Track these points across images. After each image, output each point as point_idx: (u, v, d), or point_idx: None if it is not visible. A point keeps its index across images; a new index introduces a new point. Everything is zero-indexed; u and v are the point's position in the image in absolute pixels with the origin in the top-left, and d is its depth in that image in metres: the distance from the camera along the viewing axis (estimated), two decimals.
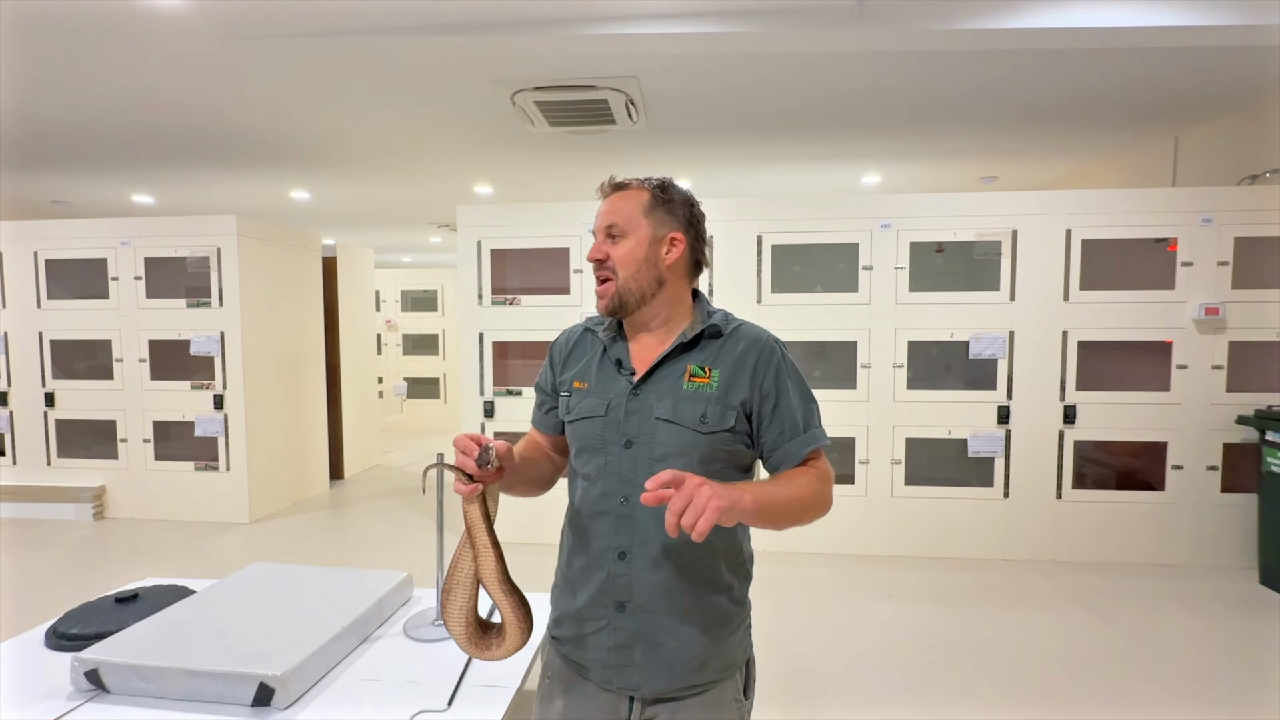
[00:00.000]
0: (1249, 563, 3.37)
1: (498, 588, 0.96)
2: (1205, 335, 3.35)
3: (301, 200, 6.59)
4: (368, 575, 2.11)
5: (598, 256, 1.04)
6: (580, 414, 1.06)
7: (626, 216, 1.03)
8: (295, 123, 4.24)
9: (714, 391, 1.00)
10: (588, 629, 1.04)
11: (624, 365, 1.06)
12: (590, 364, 1.09)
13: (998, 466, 3.51)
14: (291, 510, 4.59)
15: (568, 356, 1.14)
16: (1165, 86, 3.58)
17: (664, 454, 1.00)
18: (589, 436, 1.05)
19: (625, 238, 1.03)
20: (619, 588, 1.02)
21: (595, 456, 1.04)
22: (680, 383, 1.01)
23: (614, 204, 1.05)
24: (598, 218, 1.06)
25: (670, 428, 1.00)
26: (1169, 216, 3.36)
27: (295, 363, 4.77)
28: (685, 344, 1.04)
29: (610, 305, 1.05)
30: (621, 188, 1.07)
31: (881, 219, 3.51)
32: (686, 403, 1.00)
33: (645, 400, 1.02)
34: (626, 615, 1.01)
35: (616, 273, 1.03)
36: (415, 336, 7.79)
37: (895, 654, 2.58)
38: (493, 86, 3.68)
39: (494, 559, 0.96)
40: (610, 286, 1.04)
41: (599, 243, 1.05)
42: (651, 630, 1.01)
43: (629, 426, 1.02)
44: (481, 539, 0.95)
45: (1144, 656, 2.55)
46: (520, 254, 3.84)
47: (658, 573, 1.00)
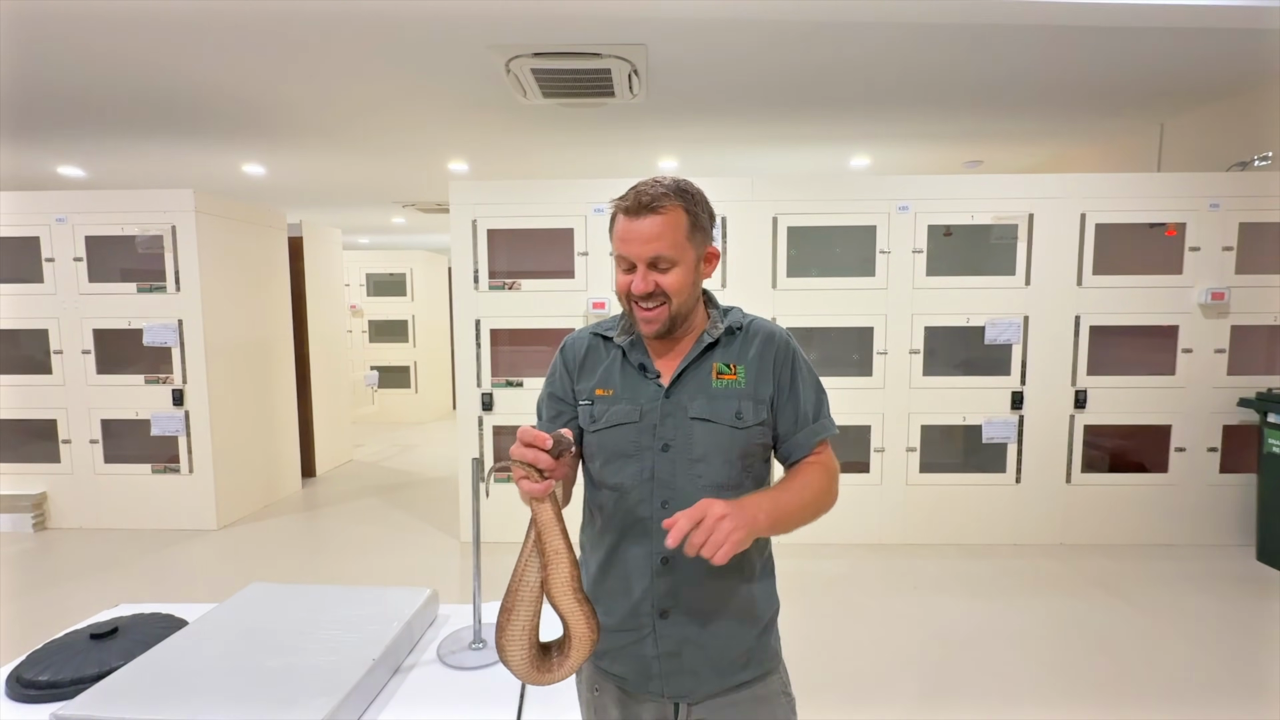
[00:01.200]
0: (1246, 540, 3.48)
1: (572, 597, 0.86)
2: (1210, 320, 3.40)
3: (254, 175, 6.06)
4: (388, 594, 1.86)
5: (648, 289, 0.97)
6: (611, 421, 1.03)
7: (672, 244, 0.97)
8: (252, 87, 3.82)
9: (744, 387, 1.01)
10: (626, 640, 1.03)
11: (649, 370, 1.04)
12: (612, 370, 1.06)
13: (1010, 452, 3.50)
14: (263, 513, 4.23)
15: (582, 363, 1.09)
16: (1152, 72, 3.61)
17: (702, 453, 1.00)
18: (622, 444, 1.02)
19: (675, 267, 0.98)
20: (661, 594, 1.01)
21: (629, 464, 1.02)
22: (709, 381, 1.02)
23: (653, 230, 0.95)
24: (629, 243, 0.96)
25: (706, 426, 1.00)
26: (1178, 201, 3.37)
27: (262, 352, 4.38)
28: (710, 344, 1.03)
29: (660, 330, 1.01)
30: (654, 209, 0.96)
31: (900, 201, 3.41)
32: (720, 400, 1.00)
33: (678, 402, 1.01)
34: (670, 622, 1.01)
35: (670, 299, 0.99)
36: (382, 323, 7.35)
37: (937, 650, 2.51)
38: (487, 51, 3.38)
39: (569, 564, 0.86)
40: (663, 312, 0.99)
41: (643, 273, 0.97)
42: (697, 634, 1.01)
43: (665, 430, 1.00)
44: (556, 543, 0.85)
45: (1176, 640, 2.56)
46: (520, 234, 3.57)
47: (701, 575, 0.99)
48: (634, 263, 0.98)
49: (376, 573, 3.28)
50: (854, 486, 3.54)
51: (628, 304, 1.02)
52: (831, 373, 3.55)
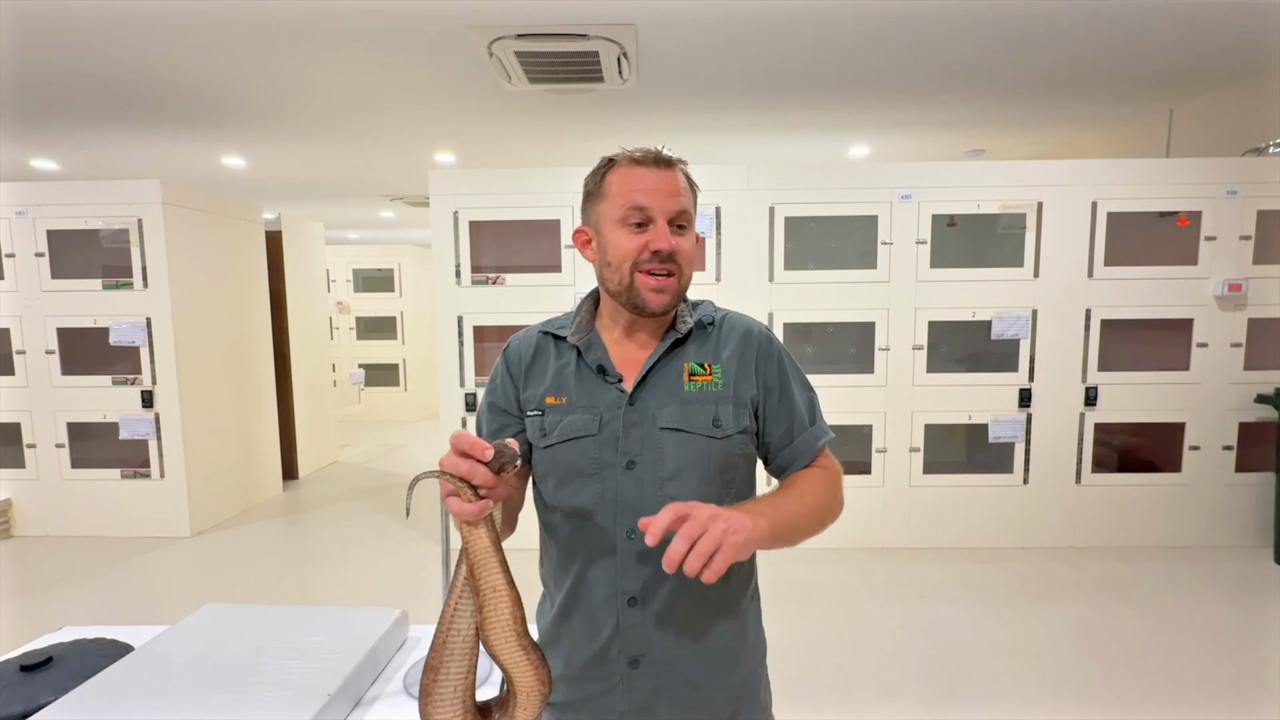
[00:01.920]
0: (1261, 542, 3.34)
1: (515, 643, 0.68)
2: (1226, 312, 3.26)
3: (235, 168, 5.87)
4: (353, 616, 1.69)
5: (670, 246, 0.83)
6: (565, 434, 0.87)
7: (688, 205, 0.87)
8: (229, 76, 3.64)
9: (721, 390, 0.87)
10: (591, 690, 0.88)
11: (609, 372, 0.88)
12: (564, 374, 0.90)
13: (1018, 452, 3.36)
14: (241, 519, 4.07)
15: (529, 368, 0.93)
16: (1160, 55, 3.45)
17: (675, 470, 0.85)
18: (579, 461, 0.86)
19: (688, 230, 0.87)
20: (632, 640, 0.85)
21: (588, 484, 0.86)
22: (680, 384, 0.87)
23: (674, 183, 0.85)
24: (651, 192, 0.83)
25: (679, 437, 0.85)
26: (1194, 188, 3.22)
27: (238, 351, 4.20)
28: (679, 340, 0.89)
29: (670, 303, 0.86)
30: (670, 165, 0.86)
31: (902, 189, 3.25)
32: (693, 406, 0.86)
33: (644, 409, 0.86)
34: (642, 672, 0.86)
35: (681, 270, 0.86)
36: (370, 319, 7.18)
37: (945, 662, 2.37)
38: (468, 32, 3.20)
39: (510, 603, 0.68)
40: (674, 283, 0.86)
41: (664, 228, 0.84)
42: (674, 685, 0.86)
43: (629, 443, 0.85)
44: (494, 578, 0.67)
45: (1197, 651, 2.42)
46: (504, 227, 3.40)
47: (678, 617, 0.85)
48: (651, 217, 0.84)
49: (356, 583, 3.13)
50: (855, 489, 3.39)
51: (629, 272, 0.85)
52: (831, 370, 3.40)
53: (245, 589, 3.06)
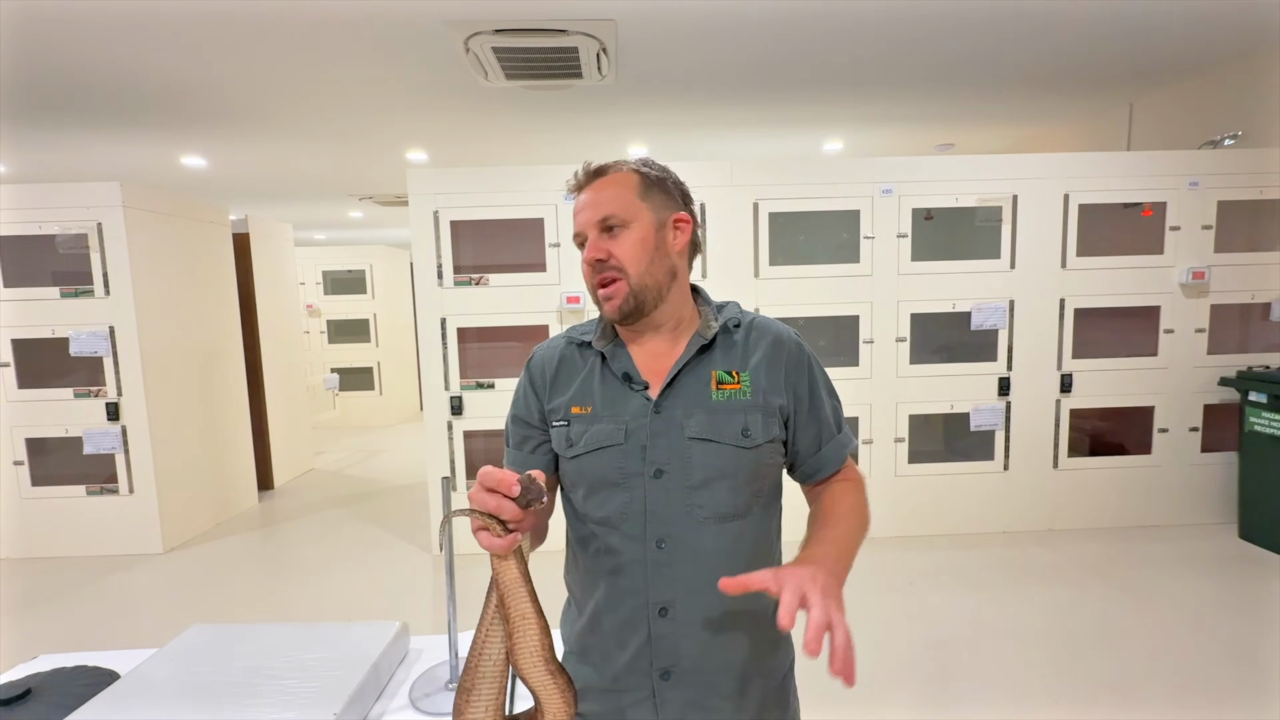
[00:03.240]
0: (1227, 518, 3.49)
1: (543, 668, 0.72)
2: (1190, 299, 3.39)
3: (195, 168, 5.66)
4: (352, 630, 1.64)
5: (598, 255, 0.85)
6: (591, 445, 0.87)
7: (623, 204, 0.85)
8: (187, 73, 3.49)
9: (750, 398, 0.86)
10: (622, 702, 0.87)
11: (634, 379, 0.88)
12: (589, 383, 0.90)
13: (998, 439, 3.44)
14: (215, 533, 3.93)
15: (553, 377, 0.93)
16: (1121, 50, 3.58)
17: (703, 479, 0.84)
18: (606, 470, 0.86)
19: (627, 228, 0.85)
20: (662, 652, 0.85)
21: (615, 494, 0.86)
22: (708, 392, 0.86)
23: (600, 193, 0.86)
24: (579, 213, 0.87)
25: (708, 448, 0.84)
26: (1159, 180, 3.33)
27: (208, 358, 4.05)
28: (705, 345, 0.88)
29: (624, 307, 0.85)
30: (601, 173, 0.88)
31: (883, 184, 3.29)
32: (722, 415, 0.85)
33: (670, 418, 0.85)
34: (673, 684, 0.85)
35: (625, 270, 0.85)
36: (341, 322, 7.00)
37: (937, 648, 2.42)
38: (444, 27, 3.13)
39: (538, 631, 0.71)
40: (621, 286, 0.85)
41: (593, 240, 0.86)
42: (706, 697, 0.85)
43: (656, 453, 0.85)
44: (523, 606, 0.71)
45: (1175, 627, 2.52)
46: (486, 226, 3.34)
47: (709, 626, 0.85)
48: (586, 234, 0.87)
49: (342, 596, 3.05)
50: None
51: (592, 288, 0.88)
52: None
53: (226, 606, 2.96)
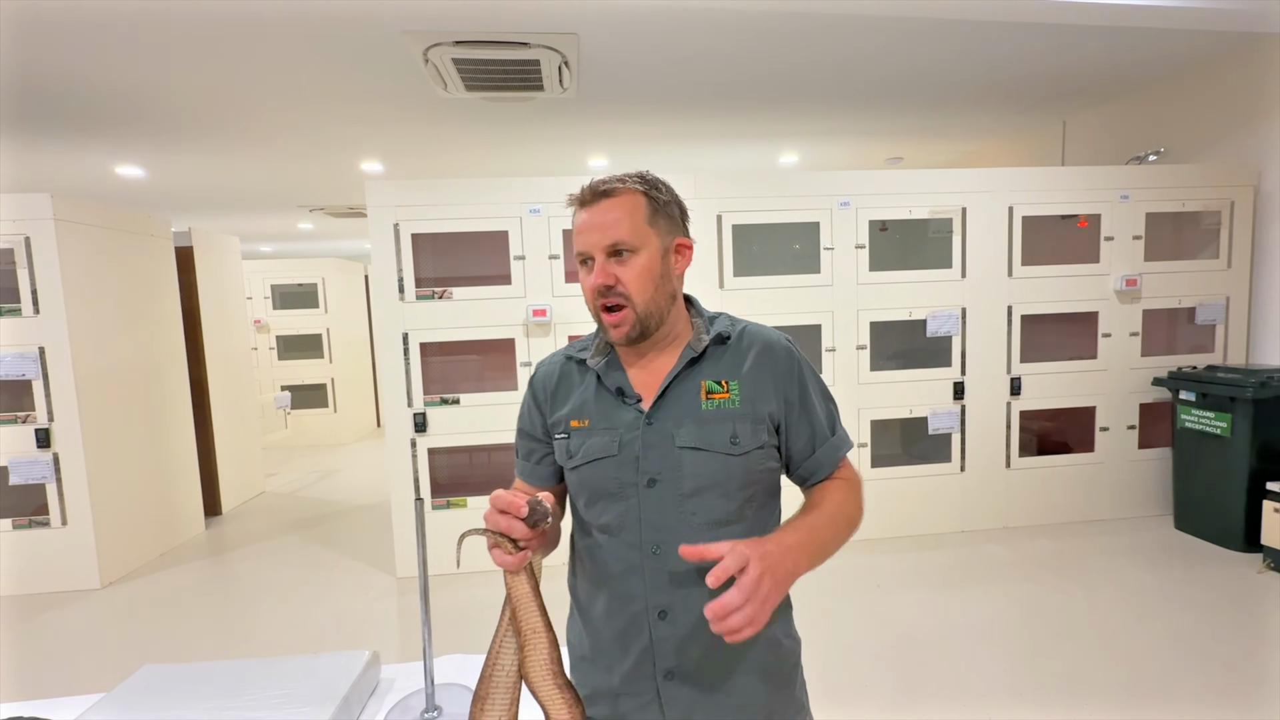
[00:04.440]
0: (1163, 510, 3.71)
1: (550, 682, 0.77)
2: (1124, 305, 3.60)
3: (131, 178, 5.38)
4: (318, 664, 1.57)
5: (606, 281, 0.87)
6: (588, 456, 0.91)
7: (632, 229, 0.87)
8: (122, 78, 3.33)
9: (738, 406, 0.89)
10: (628, 706, 0.91)
11: (628, 393, 0.91)
12: (586, 397, 0.94)
13: (955, 441, 3.57)
14: (159, 564, 3.70)
15: (554, 392, 0.97)
16: (1055, 71, 3.82)
17: (694, 488, 0.88)
18: (603, 481, 0.90)
19: (636, 254, 0.87)
20: (664, 654, 0.88)
21: (613, 504, 0.90)
22: (698, 402, 0.89)
23: (607, 215, 0.87)
24: (585, 232, 0.87)
25: (697, 456, 0.88)
26: (1094, 193, 3.54)
27: (149, 379, 3.83)
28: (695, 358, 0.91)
29: (630, 334, 0.89)
30: (609, 194, 0.87)
31: (840, 197, 3.39)
32: (711, 424, 0.88)
33: (662, 429, 0.89)
34: (677, 683, 0.88)
35: (631, 298, 0.87)
36: (292, 337, 6.74)
37: (917, 651, 2.48)
38: (402, 38, 3.08)
39: (547, 644, 0.77)
40: (627, 314, 0.88)
41: (600, 264, 0.87)
42: (710, 696, 0.89)
43: (649, 463, 0.88)
44: (533, 620, 0.76)
45: (1125, 616, 2.66)
46: (448, 239, 3.28)
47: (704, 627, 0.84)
48: (591, 255, 0.88)
49: (301, 625, 2.91)
50: None
51: (594, 309, 0.90)
52: None
53: (173, 643, 2.79)
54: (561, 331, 3.27)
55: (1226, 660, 2.32)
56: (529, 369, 3.27)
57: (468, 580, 3.27)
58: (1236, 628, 2.54)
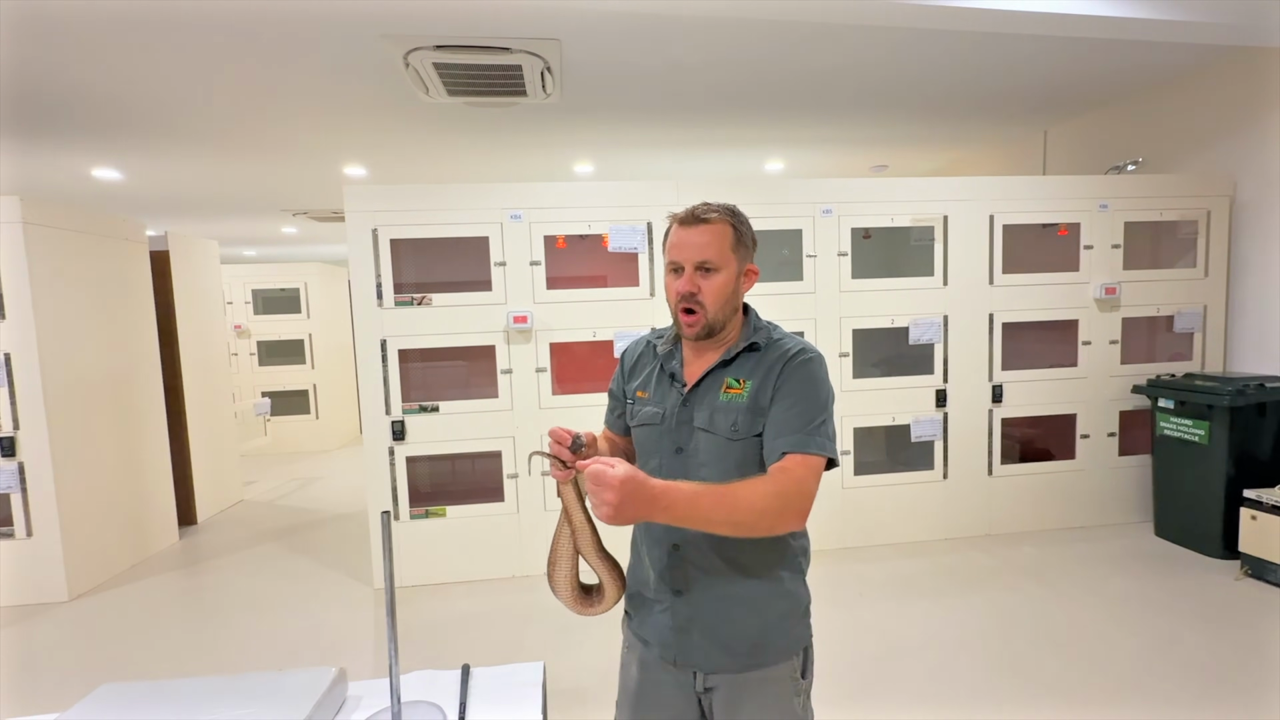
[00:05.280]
0: (1143, 517, 3.73)
1: (595, 556, 1.11)
2: (1104, 313, 3.63)
3: (108, 181, 5.30)
4: (281, 681, 1.51)
5: (691, 290, 1.08)
6: (641, 421, 1.18)
7: (719, 252, 1.08)
8: (99, 79, 3.27)
9: (745, 401, 1.08)
10: (652, 609, 1.16)
11: (677, 378, 1.16)
12: (651, 375, 1.20)
13: (937, 449, 3.57)
14: (131, 575, 3.61)
15: (634, 366, 1.25)
16: (1037, 81, 3.86)
17: (704, 460, 1.10)
18: (648, 442, 1.17)
19: (718, 273, 1.08)
20: (675, 576, 1.13)
21: (652, 459, 1.15)
22: (719, 395, 1.10)
23: (702, 237, 1.08)
24: (681, 249, 1.08)
25: (707, 437, 1.10)
26: (1073, 202, 3.57)
27: (121, 386, 3.75)
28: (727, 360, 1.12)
29: (700, 334, 1.11)
30: (705, 220, 1.09)
31: (823, 204, 3.39)
32: (721, 413, 1.09)
33: (691, 411, 1.12)
34: (683, 601, 1.12)
35: (705, 306, 1.08)
36: (273, 343, 6.65)
37: (898, 660, 2.46)
38: (381, 42, 3.05)
39: (590, 533, 1.09)
40: (699, 318, 1.09)
41: (689, 275, 1.09)
42: (706, 616, 1.11)
43: (679, 435, 1.12)
44: (578, 517, 1.08)
45: (1109, 625, 2.65)
46: (428, 244, 3.25)
47: (708, 564, 1.10)
48: (683, 265, 1.09)
49: (276, 639, 2.84)
50: None
51: (675, 308, 1.11)
52: None
53: (143, 659, 2.71)
54: (543, 339, 3.24)
55: (1208, 667, 2.33)
56: (510, 376, 3.24)
57: (449, 591, 3.22)
58: (1216, 634, 2.55)
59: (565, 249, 3.29)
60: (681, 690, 1.15)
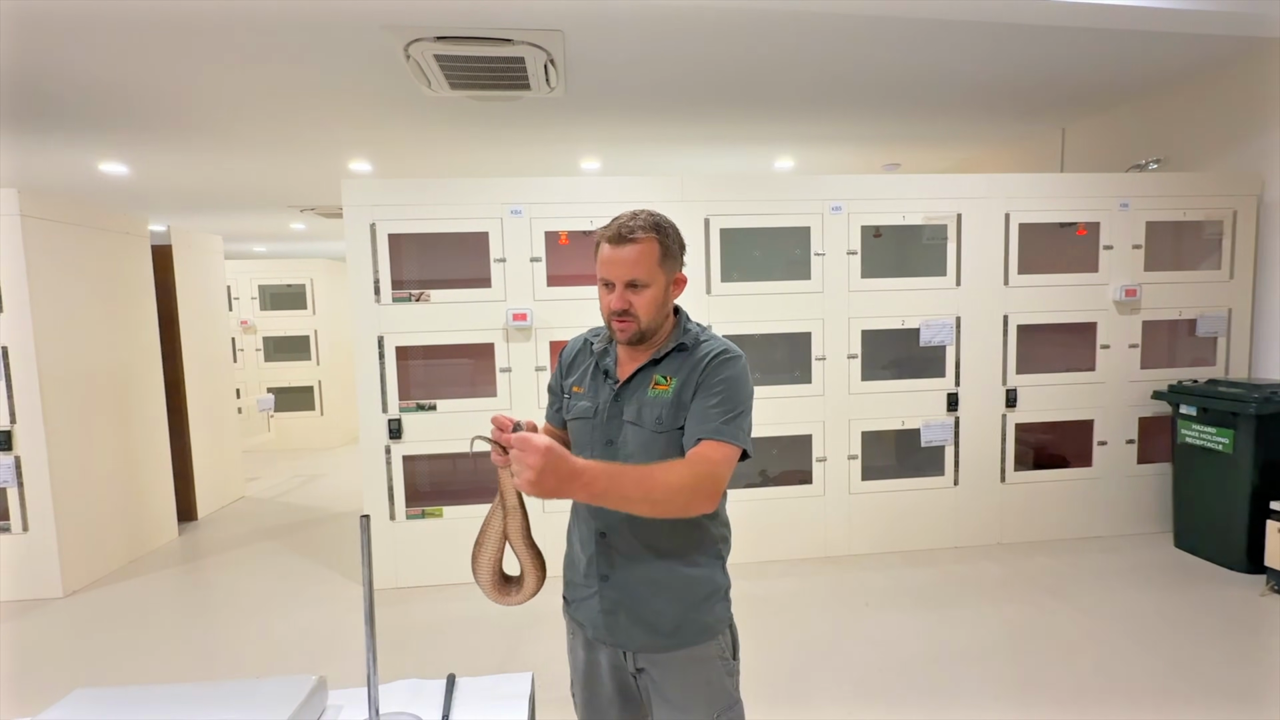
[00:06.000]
0: (1163, 528, 3.60)
1: (521, 542, 1.14)
2: (1124, 316, 3.50)
3: (116, 175, 5.30)
4: (258, 690, 1.45)
5: (622, 307, 1.13)
6: (575, 414, 1.24)
7: (647, 270, 1.12)
8: (107, 74, 3.24)
9: (669, 397, 1.14)
10: (583, 594, 1.22)
11: (610, 375, 1.22)
12: (586, 372, 1.26)
13: (948, 454, 3.46)
14: (128, 571, 3.59)
15: (571, 362, 1.30)
16: (1057, 77, 3.73)
17: (631, 452, 1.15)
18: (581, 435, 1.23)
19: (647, 288, 1.13)
20: (602, 562, 1.18)
21: (584, 452, 1.19)
22: (647, 391, 1.17)
23: (630, 256, 1.12)
24: (611, 266, 1.11)
25: (634, 429, 1.16)
26: (1092, 201, 3.45)
27: (121, 381, 3.73)
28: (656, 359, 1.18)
29: (632, 339, 1.17)
30: (632, 240, 1.12)
31: (833, 201, 3.30)
32: (648, 408, 1.15)
33: (622, 405, 1.18)
34: (610, 585, 1.18)
35: (639, 318, 1.14)
36: (279, 339, 6.64)
37: (904, 674, 2.36)
38: (382, 33, 2.99)
39: (521, 518, 1.13)
40: (632, 326, 1.15)
41: (620, 292, 1.13)
42: (630, 599, 1.17)
43: (610, 429, 1.18)
44: (512, 500, 1.11)
45: (1125, 641, 2.54)
46: (427, 239, 3.19)
47: (631, 551, 1.17)
48: (613, 282, 1.14)
49: (267, 641, 2.79)
50: (797, 499, 3.39)
51: (607, 317, 1.17)
52: (771, 381, 3.38)
53: (133, 658, 2.67)
54: (543, 337, 3.18)
55: (1232, 688, 2.21)
56: (509, 375, 3.17)
57: (445, 593, 3.16)
58: (1241, 654, 2.43)
59: (567, 245, 3.22)
60: (617, 670, 1.22)
